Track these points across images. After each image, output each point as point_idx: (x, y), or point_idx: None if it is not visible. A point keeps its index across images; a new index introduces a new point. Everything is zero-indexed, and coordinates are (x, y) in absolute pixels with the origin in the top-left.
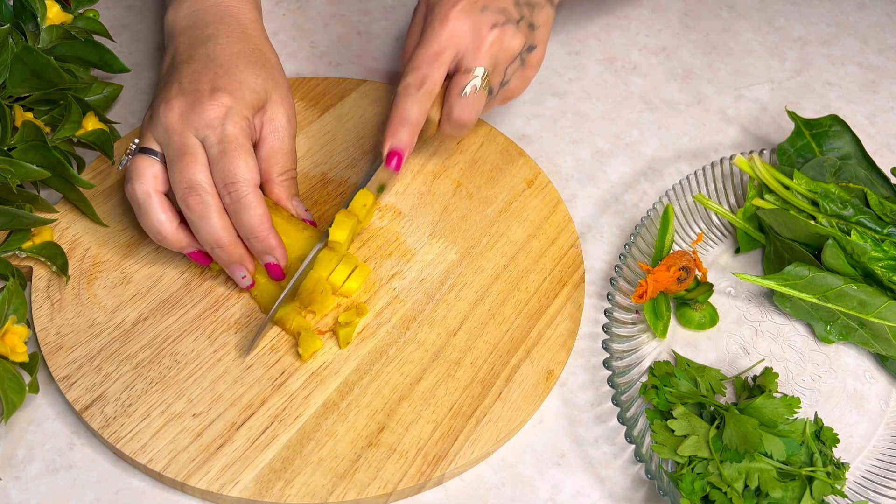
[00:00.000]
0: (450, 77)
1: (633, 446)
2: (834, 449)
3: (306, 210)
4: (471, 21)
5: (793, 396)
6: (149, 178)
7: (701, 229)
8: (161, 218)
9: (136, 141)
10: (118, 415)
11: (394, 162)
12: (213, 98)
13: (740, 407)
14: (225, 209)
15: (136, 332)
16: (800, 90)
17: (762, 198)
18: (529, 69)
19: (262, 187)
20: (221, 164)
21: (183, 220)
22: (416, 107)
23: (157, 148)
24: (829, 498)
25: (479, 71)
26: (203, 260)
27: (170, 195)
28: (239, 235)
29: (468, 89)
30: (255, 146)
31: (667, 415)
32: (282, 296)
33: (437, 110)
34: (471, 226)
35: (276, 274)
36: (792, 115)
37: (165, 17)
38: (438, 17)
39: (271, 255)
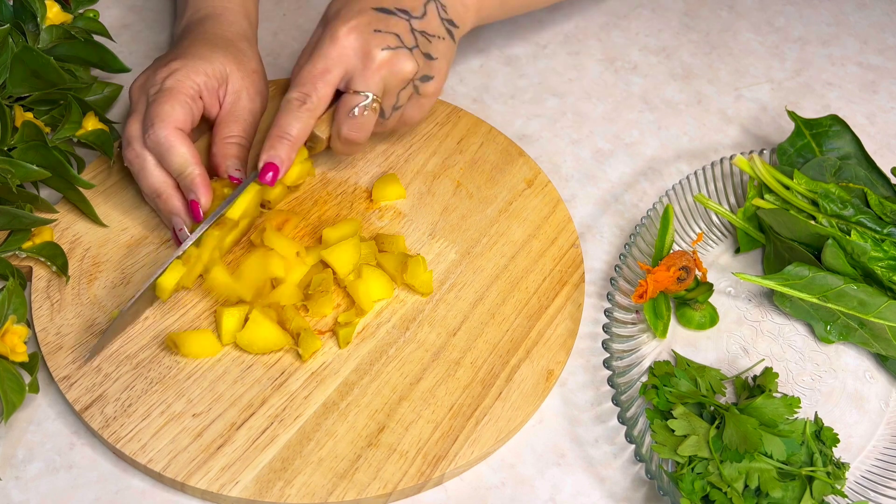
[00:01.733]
0: (340, 95)
1: (633, 446)
2: (834, 449)
3: (237, 170)
4: (361, 41)
5: (793, 396)
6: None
7: (701, 229)
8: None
9: None
10: (118, 415)
11: (268, 176)
12: (166, 64)
13: (740, 407)
14: (151, 153)
15: (136, 332)
16: (800, 90)
17: (762, 198)
18: (425, 98)
19: (210, 151)
20: (147, 110)
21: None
22: (296, 123)
23: None
24: (829, 498)
25: (368, 95)
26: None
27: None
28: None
29: (356, 110)
30: (216, 117)
31: (667, 415)
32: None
33: (327, 128)
34: (471, 226)
35: (195, 213)
36: (792, 115)
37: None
38: (329, 34)
39: (193, 192)
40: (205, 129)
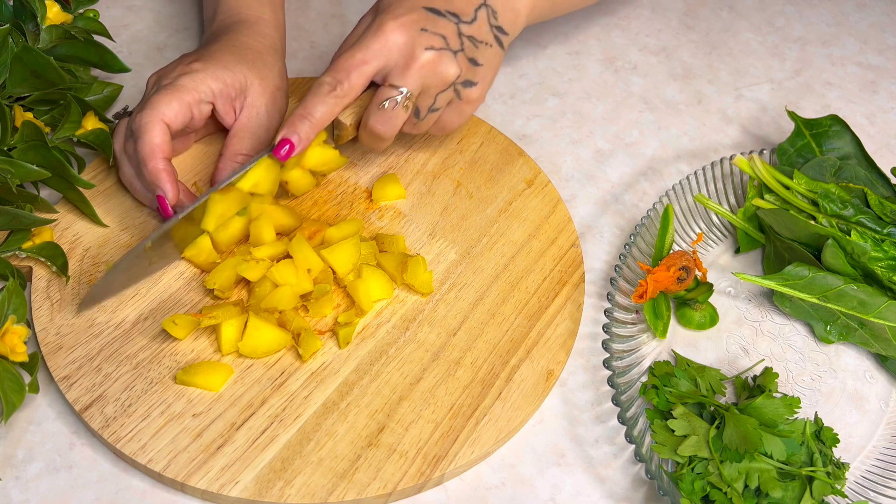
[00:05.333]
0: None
1: (633, 446)
2: (834, 449)
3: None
4: (407, 38)
5: (793, 396)
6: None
7: (701, 229)
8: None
9: None
10: (118, 415)
11: (284, 150)
12: (186, 64)
13: (740, 407)
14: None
15: (136, 332)
16: (800, 90)
17: (762, 198)
18: (467, 105)
19: (217, 161)
20: (147, 97)
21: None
22: (322, 106)
23: None
24: (829, 498)
25: (403, 90)
26: (165, 211)
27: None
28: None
29: (387, 103)
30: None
31: (667, 415)
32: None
33: (354, 117)
34: (471, 226)
35: (163, 210)
36: (792, 115)
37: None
38: (376, 26)
39: (158, 187)
40: (213, 130)
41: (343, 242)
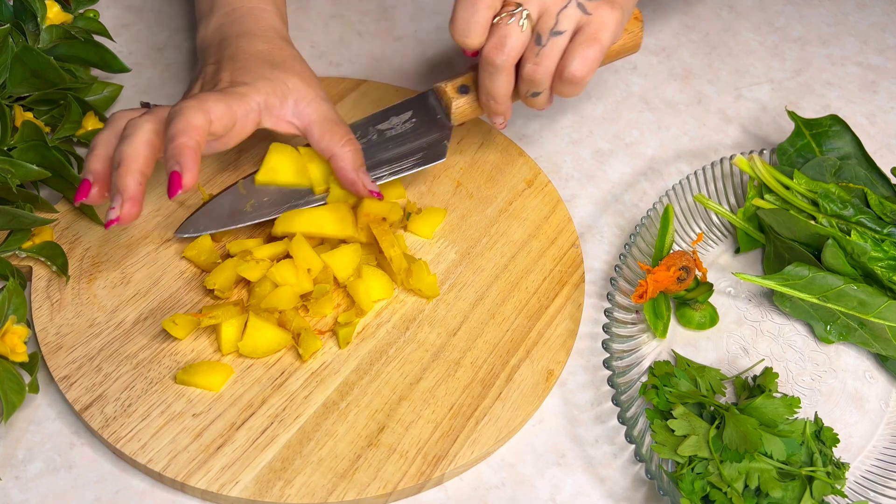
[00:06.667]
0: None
1: (633, 446)
2: (834, 449)
3: (373, 181)
4: None
5: (793, 396)
6: (132, 111)
7: (701, 229)
8: (107, 137)
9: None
10: (118, 415)
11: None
12: (222, 83)
13: (740, 407)
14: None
15: (136, 332)
16: (800, 90)
17: (762, 198)
18: (592, 41)
19: (332, 165)
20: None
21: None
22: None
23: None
24: (829, 498)
25: (521, 8)
26: (82, 193)
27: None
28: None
29: (503, 17)
30: (307, 135)
31: (667, 415)
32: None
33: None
34: (471, 226)
35: (174, 187)
36: (792, 115)
37: (196, 38)
38: None
39: (177, 161)
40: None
41: (343, 246)
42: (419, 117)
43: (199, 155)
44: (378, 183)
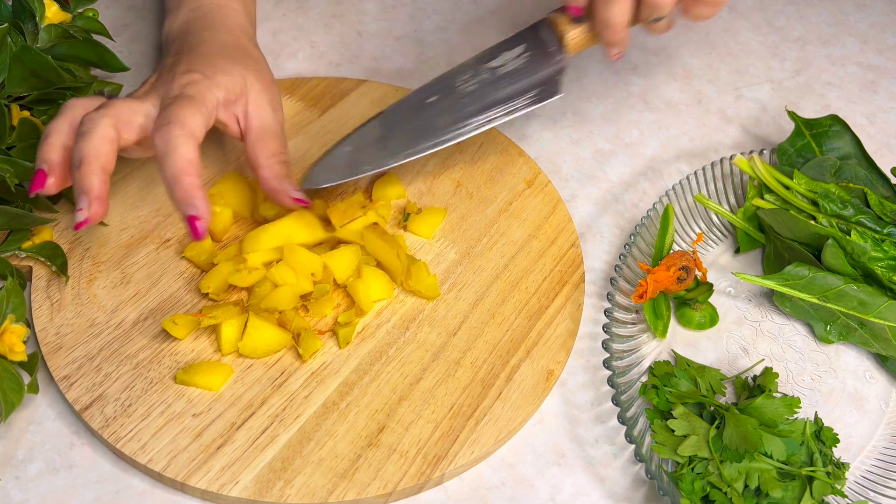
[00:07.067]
0: None
1: (633, 446)
2: (834, 449)
3: (297, 190)
4: None
5: (793, 396)
6: (87, 100)
7: (701, 229)
8: (60, 125)
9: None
10: (118, 415)
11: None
12: (183, 75)
13: (740, 407)
14: (154, 152)
15: (136, 332)
16: (800, 90)
17: (762, 198)
18: None
19: (255, 174)
20: (165, 111)
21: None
22: None
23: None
24: (829, 498)
25: None
26: (37, 185)
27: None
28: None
29: None
30: (243, 136)
31: (667, 415)
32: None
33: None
34: (470, 226)
35: (195, 232)
36: (792, 115)
37: (162, 30)
38: None
39: (191, 206)
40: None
41: (343, 247)
42: (532, 51)
43: (204, 189)
44: (494, 125)
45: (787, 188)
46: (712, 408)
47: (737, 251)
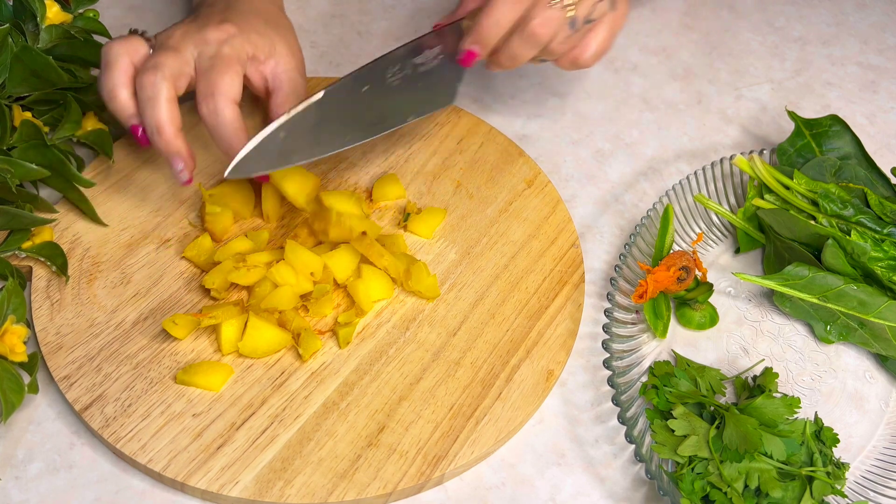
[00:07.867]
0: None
1: (633, 446)
2: (834, 449)
3: None
4: None
5: (793, 396)
6: (128, 45)
7: (701, 229)
8: (121, 79)
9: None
10: (118, 415)
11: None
12: (219, 26)
13: (740, 407)
14: (202, 119)
15: (136, 332)
16: (800, 90)
17: (762, 198)
18: (614, 21)
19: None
20: (207, 76)
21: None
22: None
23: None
24: (829, 498)
25: None
26: (143, 140)
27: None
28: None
29: (557, 2)
30: (269, 96)
31: (667, 415)
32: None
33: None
34: (471, 226)
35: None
36: (792, 115)
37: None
38: None
39: (233, 148)
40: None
41: (343, 247)
42: (444, 53)
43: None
44: (408, 124)
45: (787, 188)
46: (712, 408)
47: (737, 251)
